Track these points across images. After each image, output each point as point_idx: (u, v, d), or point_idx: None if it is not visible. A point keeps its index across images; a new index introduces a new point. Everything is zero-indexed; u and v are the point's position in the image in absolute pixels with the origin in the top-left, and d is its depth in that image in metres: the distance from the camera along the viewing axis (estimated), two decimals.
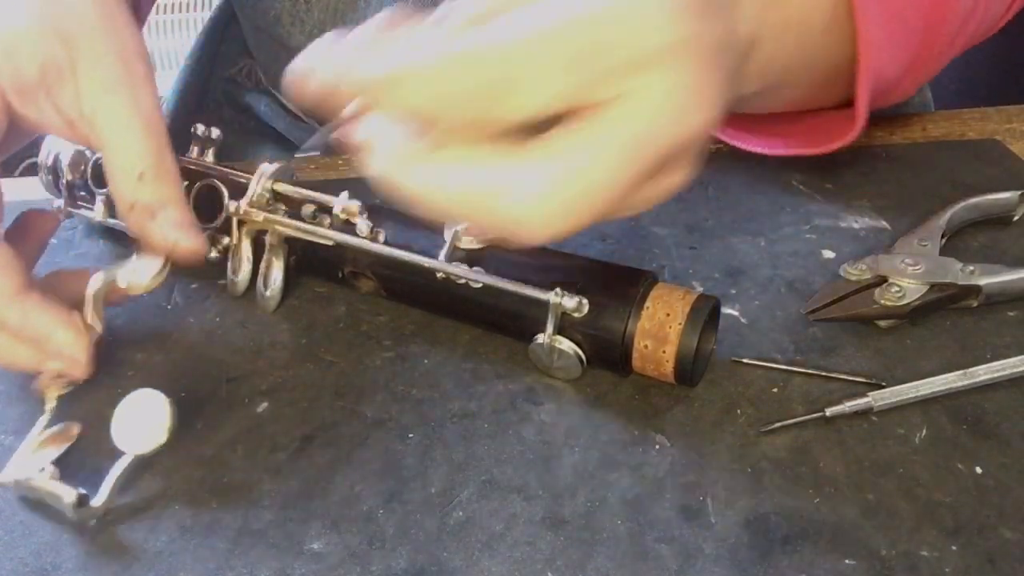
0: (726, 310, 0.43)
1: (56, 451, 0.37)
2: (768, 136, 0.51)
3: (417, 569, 0.33)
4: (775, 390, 0.40)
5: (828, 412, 0.37)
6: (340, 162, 0.57)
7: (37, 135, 0.42)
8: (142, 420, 0.35)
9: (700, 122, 0.32)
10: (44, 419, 0.37)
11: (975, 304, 0.43)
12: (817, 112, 0.51)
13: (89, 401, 0.39)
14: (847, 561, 0.33)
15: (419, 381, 0.41)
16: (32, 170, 0.51)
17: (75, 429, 0.38)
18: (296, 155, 0.36)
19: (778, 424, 0.37)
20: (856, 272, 0.43)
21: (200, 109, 0.70)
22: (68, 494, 0.34)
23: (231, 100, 0.71)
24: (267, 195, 0.43)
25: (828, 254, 0.47)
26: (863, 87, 0.44)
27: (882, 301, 0.41)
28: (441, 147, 0.31)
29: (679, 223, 0.49)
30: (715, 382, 0.40)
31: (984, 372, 0.39)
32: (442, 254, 0.40)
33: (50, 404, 0.38)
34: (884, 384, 0.39)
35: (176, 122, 0.69)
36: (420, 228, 0.42)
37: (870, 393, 0.38)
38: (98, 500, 0.35)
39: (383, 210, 0.44)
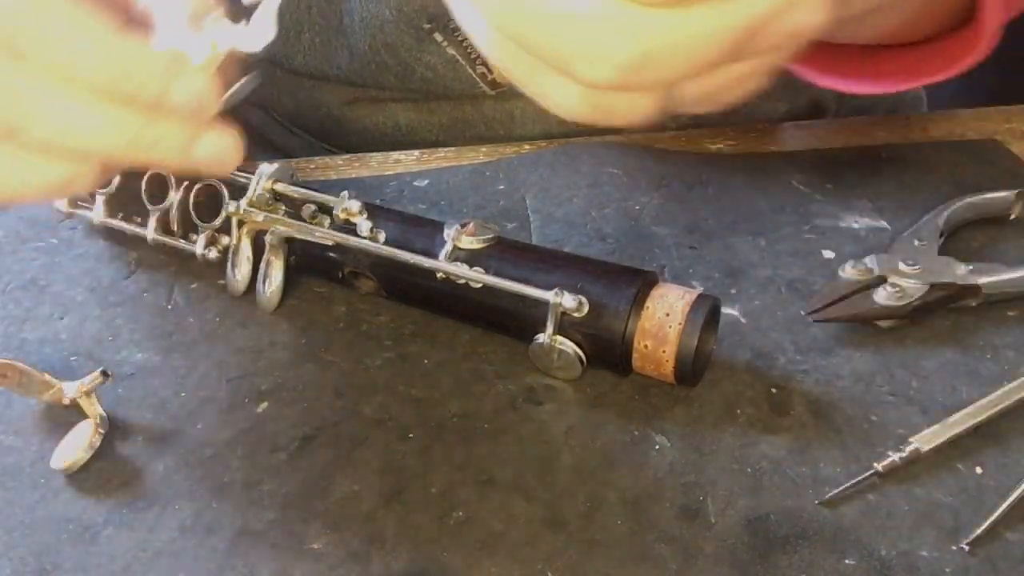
0: (726, 310, 0.43)
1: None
2: (880, 77, 0.48)
3: (417, 569, 0.33)
4: (775, 390, 0.40)
5: (880, 467, 0.35)
6: (340, 162, 0.57)
7: None
8: None
9: (806, 20, 0.30)
10: None
11: (975, 304, 0.43)
12: (922, 45, 0.48)
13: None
14: (847, 561, 0.33)
15: (419, 381, 0.41)
16: None
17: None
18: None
19: (838, 491, 0.35)
20: (856, 272, 0.43)
21: None
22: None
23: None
24: (267, 195, 0.43)
25: (828, 254, 0.47)
26: None
27: (882, 301, 0.41)
28: None
29: (679, 223, 0.49)
30: (715, 382, 0.40)
31: (1014, 393, 0.38)
32: (442, 254, 0.40)
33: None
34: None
35: None
36: (420, 228, 0.42)
37: (913, 437, 0.36)
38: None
39: (383, 210, 0.44)
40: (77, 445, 0.37)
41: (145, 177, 0.46)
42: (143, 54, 0.30)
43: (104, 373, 0.38)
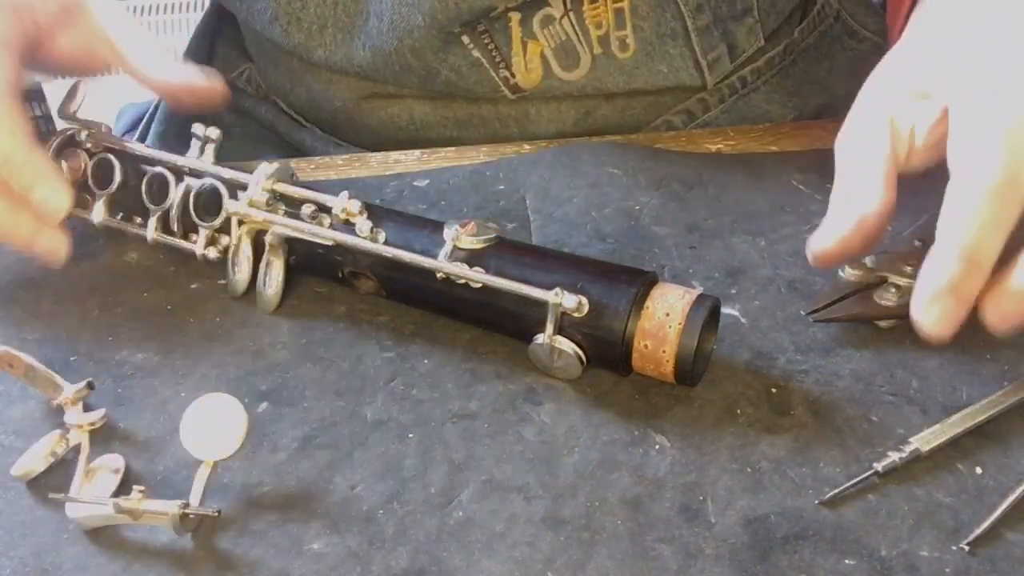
0: (726, 310, 0.43)
1: (112, 482, 0.36)
2: None
3: (417, 569, 0.33)
4: (775, 390, 0.40)
5: (880, 467, 0.35)
6: (340, 162, 0.57)
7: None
8: (216, 426, 0.35)
9: None
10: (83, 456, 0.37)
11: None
12: None
13: (93, 402, 0.39)
14: (847, 561, 0.33)
15: (419, 381, 0.41)
16: None
17: (119, 463, 0.37)
18: None
19: (838, 491, 0.35)
20: (856, 272, 0.43)
21: (197, 114, 0.70)
22: (171, 507, 0.33)
23: (230, 104, 0.71)
24: (267, 195, 0.43)
25: None
26: None
27: (882, 301, 0.41)
28: None
29: (679, 223, 0.49)
30: (715, 382, 0.40)
31: (1014, 393, 0.38)
32: (442, 254, 0.40)
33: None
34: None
35: (172, 125, 0.68)
36: (420, 228, 0.42)
37: (913, 437, 0.36)
38: (191, 510, 0.34)
39: (383, 210, 0.44)
40: (39, 453, 0.37)
41: (145, 177, 0.46)
42: (33, 160, 0.43)
43: (89, 385, 0.38)
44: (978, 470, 0.36)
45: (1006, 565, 0.33)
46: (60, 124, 0.49)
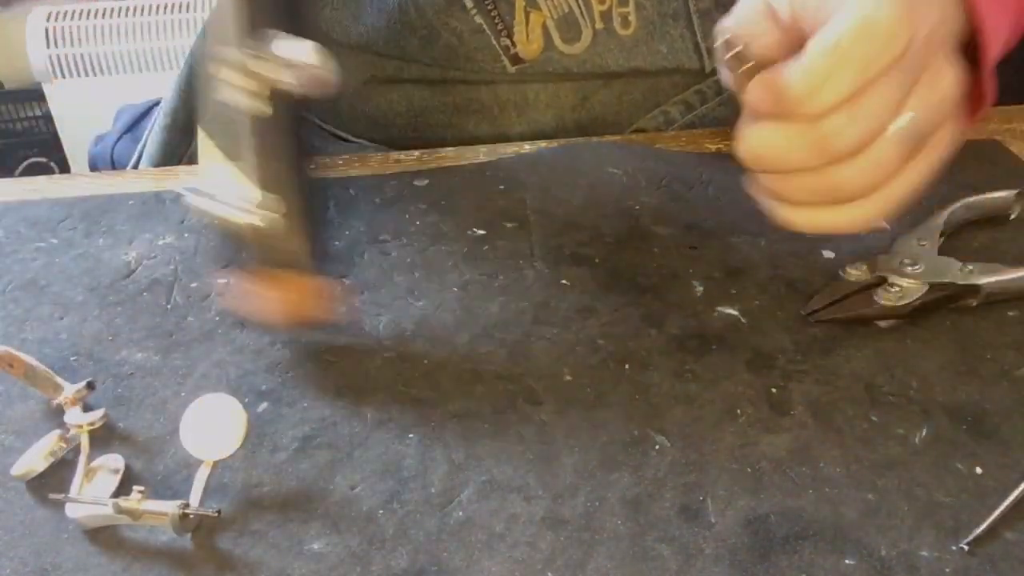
0: (726, 310, 0.43)
1: (111, 482, 0.36)
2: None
3: (417, 569, 0.33)
4: (775, 390, 0.40)
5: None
6: (340, 162, 0.57)
7: None
8: (216, 426, 0.35)
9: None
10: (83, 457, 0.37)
11: (974, 303, 0.43)
12: None
13: (93, 402, 0.39)
14: (847, 561, 0.33)
15: (419, 381, 0.41)
16: (32, 170, 0.50)
17: (119, 463, 0.37)
18: None
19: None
20: (856, 272, 0.43)
21: None
22: (171, 507, 0.33)
23: None
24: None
25: (828, 254, 0.47)
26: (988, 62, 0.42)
27: (882, 301, 0.41)
28: None
29: (679, 223, 0.49)
30: (715, 382, 0.40)
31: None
32: None
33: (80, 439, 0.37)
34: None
35: (179, 123, 0.68)
36: None
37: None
38: (191, 510, 0.34)
39: None
40: (39, 453, 0.37)
41: None
42: None
43: (89, 385, 0.38)
44: (978, 470, 0.36)
45: (1006, 565, 0.33)
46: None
